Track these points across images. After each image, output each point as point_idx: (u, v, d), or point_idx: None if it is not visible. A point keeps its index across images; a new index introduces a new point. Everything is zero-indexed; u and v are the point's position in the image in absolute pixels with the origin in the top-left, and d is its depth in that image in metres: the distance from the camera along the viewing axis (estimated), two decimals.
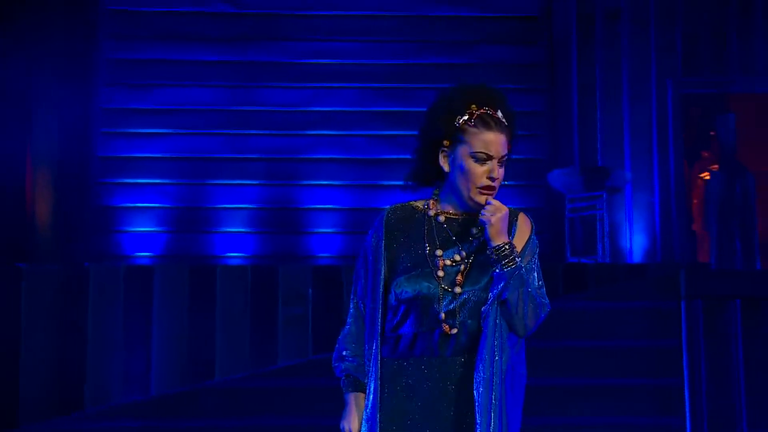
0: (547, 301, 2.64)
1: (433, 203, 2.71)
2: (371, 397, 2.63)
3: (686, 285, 5.90)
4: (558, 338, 5.72)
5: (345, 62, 8.92)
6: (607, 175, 8.27)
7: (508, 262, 2.57)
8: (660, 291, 6.07)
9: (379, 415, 2.61)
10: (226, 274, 6.25)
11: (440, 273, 2.62)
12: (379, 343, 2.64)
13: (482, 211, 2.59)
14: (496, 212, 2.59)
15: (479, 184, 2.63)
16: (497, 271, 2.58)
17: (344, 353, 2.71)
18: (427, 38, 8.96)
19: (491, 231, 2.58)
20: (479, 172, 2.62)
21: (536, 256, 2.69)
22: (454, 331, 2.59)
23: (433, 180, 2.71)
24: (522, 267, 2.58)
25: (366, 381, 2.66)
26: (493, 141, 2.63)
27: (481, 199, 2.63)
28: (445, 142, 2.66)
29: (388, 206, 2.76)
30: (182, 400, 5.80)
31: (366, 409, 2.64)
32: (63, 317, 6.05)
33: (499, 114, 2.66)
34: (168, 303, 6.17)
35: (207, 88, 8.77)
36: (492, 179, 2.62)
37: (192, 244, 8.51)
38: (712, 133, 9.44)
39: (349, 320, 2.73)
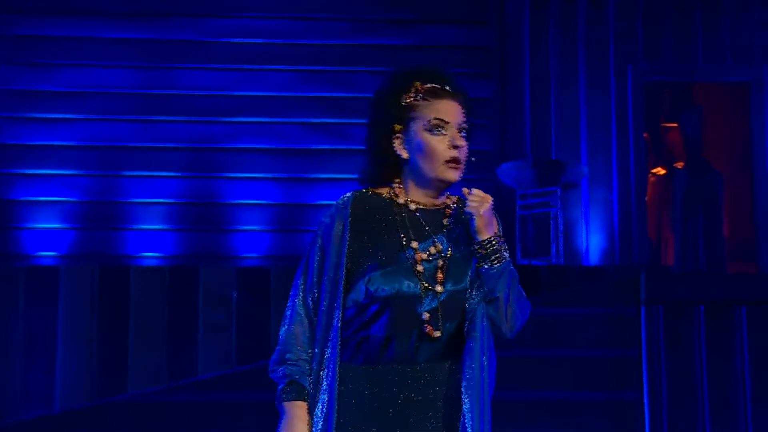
0: (528, 301, 2.65)
1: (399, 190, 2.70)
2: (324, 408, 2.57)
3: (646, 289, 6.00)
4: (507, 347, 5.77)
5: (273, 42, 8.92)
6: (562, 169, 8.35)
7: (498, 257, 2.58)
8: (618, 295, 6.16)
9: (336, 429, 2.56)
10: (140, 276, 6.24)
11: (419, 268, 2.60)
12: (337, 345, 2.59)
13: (467, 202, 2.58)
14: (483, 202, 2.58)
15: (444, 158, 2.63)
16: (485, 267, 2.58)
17: (287, 356, 2.63)
18: (365, 17, 9.00)
19: (479, 223, 2.58)
20: (440, 144, 2.63)
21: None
22: (437, 333, 2.57)
23: (391, 174, 2.71)
24: (509, 260, 2.60)
25: (312, 389, 2.60)
26: (447, 107, 2.65)
27: (451, 174, 2.64)
28: (397, 127, 2.67)
29: (348, 193, 2.72)
30: (90, 416, 5.78)
31: (316, 422, 2.58)
32: None
33: (458, 90, 2.69)
34: (75, 308, 6.16)
35: (118, 69, 8.71)
36: (456, 147, 2.63)
37: (102, 242, 8.44)
38: (674, 125, 9.60)
39: (292, 318, 2.67)
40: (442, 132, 2.64)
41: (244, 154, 8.72)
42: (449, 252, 2.63)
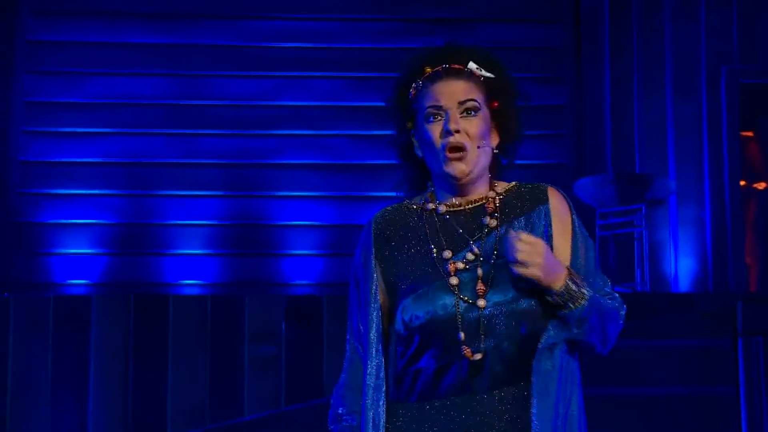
0: (618, 303, 2.58)
1: (430, 195, 2.66)
2: None
3: (744, 319, 6.02)
4: (588, 384, 5.82)
5: (318, 46, 8.99)
6: (648, 185, 8.32)
7: (579, 299, 2.49)
8: (712, 326, 6.17)
9: None
10: (180, 306, 6.27)
11: (453, 281, 2.52)
12: (382, 387, 2.55)
13: (515, 254, 2.44)
14: (534, 251, 2.44)
15: (440, 147, 2.56)
16: (566, 312, 2.48)
17: (340, 411, 2.64)
18: (419, 16, 9.03)
19: (539, 276, 2.45)
20: (434, 133, 2.57)
21: (590, 243, 2.62)
22: (478, 356, 2.48)
23: (424, 179, 2.67)
24: (592, 294, 2.50)
25: None
26: (444, 89, 2.58)
27: (452, 168, 2.56)
28: (409, 125, 2.65)
29: (374, 215, 2.68)
30: None
31: None
32: None
33: (467, 67, 2.61)
34: (108, 342, 6.18)
35: (151, 77, 8.82)
36: (448, 132, 2.54)
37: (137, 268, 8.53)
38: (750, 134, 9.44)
39: (345, 368, 2.66)
40: (438, 118, 2.57)
41: (291, 170, 8.78)
42: (494, 255, 2.54)
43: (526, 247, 2.43)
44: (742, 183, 8.97)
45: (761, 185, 9.24)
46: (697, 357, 6.11)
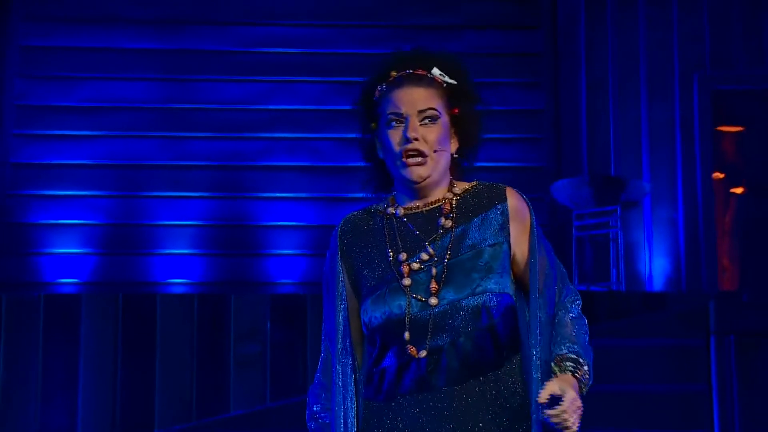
0: (576, 302, 2.62)
1: (391, 199, 2.66)
2: None
3: (716, 319, 6.01)
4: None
5: (306, 51, 8.99)
6: (622, 187, 8.34)
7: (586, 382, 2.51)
8: (685, 325, 6.17)
9: None
10: (167, 304, 6.27)
11: (406, 282, 2.53)
12: (350, 385, 2.58)
13: (556, 423, 2.39)
14: (574, 414, 2.41)
15: (397, 154, 2.55)
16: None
17: (315, 409, 2.66)
18: (405, 23, 9.05)
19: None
20: (393, 139, 2.56)
21: (546, 242, 2.62)
22: (423, 353, 2.49)
23: (390, 181, 2.67)
24: (588, 365, 2.51)
25: None
26: (405, 96, 2.57)
27: (410, 173, 2.55)
28: (373, 125, 2.64)
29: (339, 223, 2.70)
30: None
31: None
32: None
33: (430, 73, 2.61)
34: (97, 340, 6.18)
35: (140, 81, 8.80)
36: (407, 140, 2.53)
37: (125, 268, 8.51)
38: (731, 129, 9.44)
39: (319, 368, 2.69)
40: (398, 125, 2.57)
41: (277, 172, 8.77)
42: (448, 254, 2.55)
43: (567, 416, 2.40)
44: (720, 176, 9.01)
45: (738, 190, 9.24)
46: (671, 355, 6.12)
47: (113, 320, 6.22)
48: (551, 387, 2.38)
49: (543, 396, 2.37)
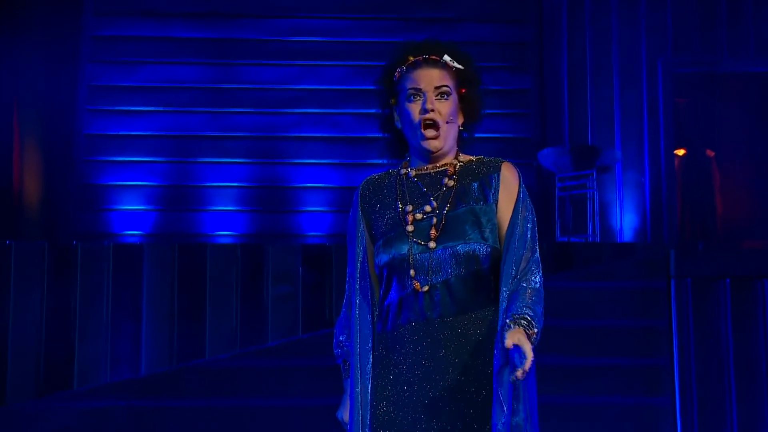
0: (538, 275, 2.54)
1: (405, 163, 2.68)
2: (357, 373, 2.55)
3: (676, 265, 5.99)
4: (545, 317, 5.76)
5: (329, 39, 8.94)
6: (598, 154, 8.31)
7: (533, 335, 2.40)
8: (649, 271, 6.14)
9: (371, 397, 2.54)
10: (215, 253, 6.23)
11: (409, 228, 2.56)
12: (367, 316, 2.58)
13: (513, 372, 2.34)
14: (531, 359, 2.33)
15: (417, 123, 2.58)
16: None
17: (341, 338, 2.67)
18: (412, 16, 8.98)
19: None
20: (414, 110, 2.59)
21: (531, 216, 2.59)
22: (425, 288, 2.51)
23: (404, 149, 2.68)
24: (540, 323, 2.44)
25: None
26: (423, 75, 2.60)
27: (427, 144, 2.58)
28: (392, 101, 2.65)
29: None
30: (171, 379, 5.84)
31: (354, 386, 2.55)
32: (51, 295, 6.05)
33: (442, 59, 2.62)
34: (157, 282, 6.16)
35: (190, 65, 8.76)
36: (425, 111, 2.57)
37: (180, 222, 8.50)
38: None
39: (344, 304, 2.70)
40: (417, 98, 2.59)
41: (305, 142, 8.75)
42: (447, 207, 2.57)
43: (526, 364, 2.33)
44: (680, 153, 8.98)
45: (680, 151, 9.20)
46: (637, 296, 6.10)
47: (170, 266, 6.18)
48: (514, 336, 2.35)
49: (508, 343, 2.34)
